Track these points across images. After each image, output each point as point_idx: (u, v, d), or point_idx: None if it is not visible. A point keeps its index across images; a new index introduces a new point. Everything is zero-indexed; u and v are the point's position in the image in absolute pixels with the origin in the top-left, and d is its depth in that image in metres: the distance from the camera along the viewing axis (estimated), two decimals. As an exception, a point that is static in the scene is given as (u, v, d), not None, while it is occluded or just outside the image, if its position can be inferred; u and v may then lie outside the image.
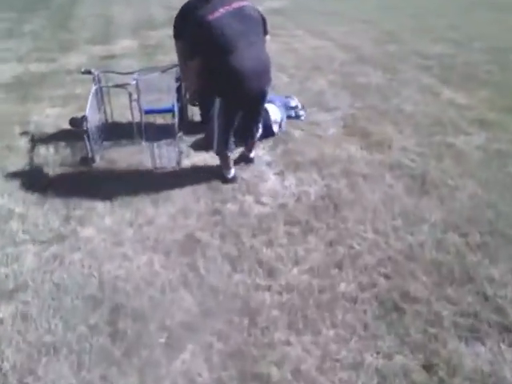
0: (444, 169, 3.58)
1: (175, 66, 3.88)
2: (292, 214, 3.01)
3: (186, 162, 3.75)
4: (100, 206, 3.12)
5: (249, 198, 3.22)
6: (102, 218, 2.98)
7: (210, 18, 2.90)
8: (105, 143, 3.97)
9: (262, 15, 3.16)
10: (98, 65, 6.37)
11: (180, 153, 3.86)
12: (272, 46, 7.49)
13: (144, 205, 3.13)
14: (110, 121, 4.23)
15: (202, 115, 4.14)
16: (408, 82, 5.54)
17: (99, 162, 3.69)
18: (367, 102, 4.96)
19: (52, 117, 4.53)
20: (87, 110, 3.49)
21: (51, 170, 3.61)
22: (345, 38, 7.62)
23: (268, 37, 3.25)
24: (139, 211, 3.06)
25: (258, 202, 3.18)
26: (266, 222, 2.92)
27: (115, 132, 4.09)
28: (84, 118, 3.39)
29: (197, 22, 2.93)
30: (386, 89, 5.38)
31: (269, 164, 3.73)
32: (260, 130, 3.54)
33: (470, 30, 8.22)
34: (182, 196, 3.24)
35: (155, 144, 3.65)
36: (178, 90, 3.93)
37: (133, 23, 9.30)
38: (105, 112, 4.16)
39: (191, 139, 4.07)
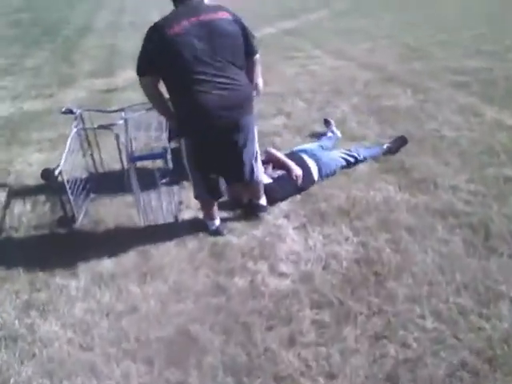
0: (509, 214, 2.80)
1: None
2: (320, 290, 2.27)
3: (186, 216, 3.07)
4: (73, 284, 2.45)
5: (262, 267, 2.50)
6: (71, 305, 2.30)
7: (168, 32, 2.27)
8: (92, 196, 3.34)
9: (244, 30, 2.46)
10: (97, 99, 5.90)
11: (179, 204, 3.20)
12: (286, 69, 7.01)
13: (128, 282, 2.45)
14: (99, 169, 3.60)
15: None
16: (443, 103, 4.80)
17: (82, 222, 3.05)
18: (399, 129, 4.23)
19: (36, 165, 3.93)
20: (62, 161, 2.86)
21: (23, 233, 2.98)
22: (366, 56, 6.95)
23: (257, 56, 2.58)
24: (121, 292, 2.38)
25: (275, 272, 2.46)
26: (286, 305, 2.19)
27: (106, 182, 3.46)
28: (56, 171, 2.76)
29: (153, 34, 2.34)
30: (419, 112, 4.64)
31: (286, 215, 3.02)
32: (258, 169, 2.78)
33: (504, 39, 7.45)
34: (176, 266, 2.54)
35: (147, 195, 3.00)
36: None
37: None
38: (92, 159, 3.54)
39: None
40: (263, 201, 2.97)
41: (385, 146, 3.73)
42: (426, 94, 5.11)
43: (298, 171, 3.25)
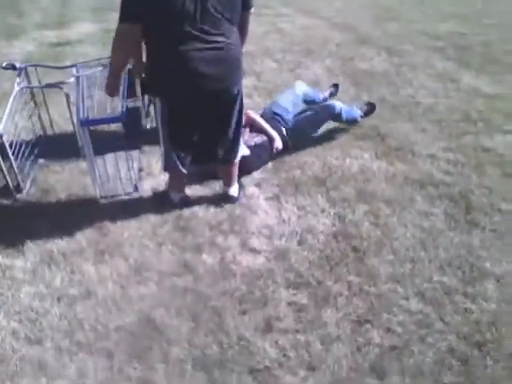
0: (489, 185, 2.69)
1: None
2: (296, 269, 2.09)
3: (147, 185, 2.79)
4: (18, 265, 2.16)
5: (233, 242, 2.28)
6: (16, 289, 2.02)
7: None
8: (40, 162, 2.99)
9: None
10: (47, 54, 5.35)
11: (139, 171, 2.91)
12: (255, 27, 6.61)
13: (83, 261, 2.18)
14: (48, 132, 3.22)
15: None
16: (419, 67, 4.61)
17: (28, 191, 2.71)
18: (375, 94, 4.03)
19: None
20: (2, 122, 2.49)
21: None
22: (339, 16, 6.61)
23: (252, 10, 2.22)
24: (74, 273, 2.11)
25: (247, 248, 2.25)
26: (260, 286, 2.00)
27: (56, 146, 3.10)
28: (-4, 134, 2.39)
29: None
30: (395, 76, 4.44)
31: (258, 184, 2.79)
32: (240, 149, 2.47)
33: (475, 3, 7.29)
34: (137, 242, 2.29)
35: (102, 162, 2.68)
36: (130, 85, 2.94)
37: (94, 2, 8.12)
38: (40, 120, 3.15)
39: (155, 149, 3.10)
40: (234, 190, 2.60)
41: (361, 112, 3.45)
42: (401, 58, 4.90)
43: (279, 143, 3.00)
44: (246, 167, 2.78)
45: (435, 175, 2.81)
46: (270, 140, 2.99)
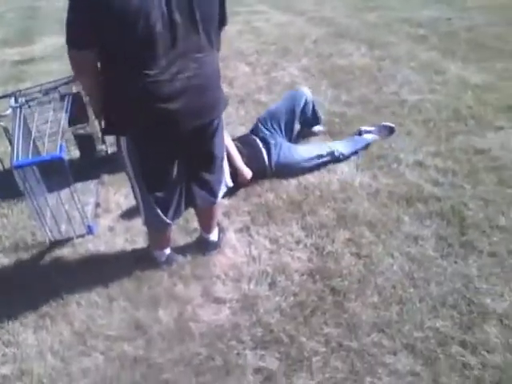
0: (484, 196, 2.40)
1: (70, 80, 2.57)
2: (265, 322, 1.79)
3: (104, 224, 2.49)
4: None
5: (194, 291, 1.98)
6: None
7: None
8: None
9: None
10: (9, 73, 5.04)
11: (95, 207, 2.62)
12: (228, 27, 6.24)
13: (22, 327, 1.89)
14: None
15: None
16: (402, 60, 4.31)
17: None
18: (355, 93, 3.73)
19: None
20: None
21: None
22: (316, 10, 6.29)
23: (226, 27, 1.76)
24: (11, 344, 1.82)
25: (210, 297, 1.95)
26: (221, 349, 1.70)
27: (5, 184, 2.79)
28: None
29: None
30: (376, 71, 4.14)
31: (227, 213, 2.50)
32: (222, 188, 2.04)
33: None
34: (85, 299, 1.99)
35: (55, 198, 2.39)
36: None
37: (64, 13, 7.78)
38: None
39: (115, 178, 2.80)
40: (214, 235, 2.21)
41: (370, 138, 2.98)
42: (382, 50, 4.59)
43: (246, 173, 2.62)
44: None
45: (424, 188, 2.51)
46: (235, 171, 2.55)
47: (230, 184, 2.16)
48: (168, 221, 1.92)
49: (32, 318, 1.93)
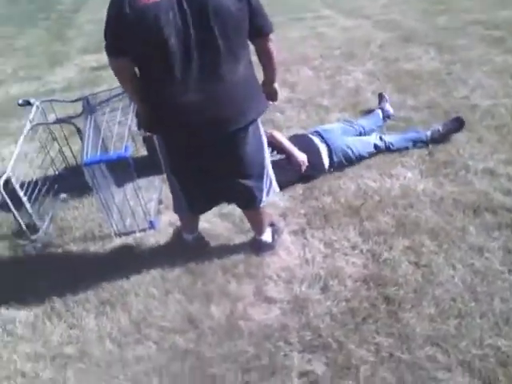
0: None
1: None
2: (314, 326, 1.77)
3: (166, 220, 2.59)
4: (21, 317, 2.05)
5: (246, 290, 2.01)
6: (13, 346, 1.89)
7: (143, 2, 1.56)
8: (62, 197, 2.90)
9: (251, 5, 1.67)
10: (87, 78, 5.41)
11: (158, 204, 2.73)
12: (292, 32, 6.27)
13: (85, 311, 2.02)
14: (71, 165, 3.14)
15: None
16: (474, 64, 4.07)
17: (46, 230, 2.61)
18: (423, 98, 3.58)
19: (8, 159, 3.51)
20: (10, 164, 2.41)
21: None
22: (384, 13, 6.12)
23: (271, 36, 1.79)
24: (74, 327, 1.96)
25: (261, 296, 1.97)
26: (269, 349, 1.70)
27: (78, 180, 3.00)
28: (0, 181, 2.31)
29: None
30: (445, 76, 3.94)
31: (283, 214, 2.50)
32: (263, 195, 2.03)
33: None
34: (143, 290, 2.09)
35: (121, 194, 2.54)
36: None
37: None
38: (62, 155, 3.08)
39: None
40: (267, 235, 2.23)
41: (429, 132, 2.93)
42: (452, 54, 4.37)
43: (300, 157, 2.69)
44: None
45: (493, 197, 2.36)
46: (288, 157, 2.69)
47: (277, 190, 2.19)
48: (193, 214, 2.14)
49: (94, 304, 2.06)
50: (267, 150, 2.04)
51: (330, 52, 4.97)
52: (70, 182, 2.98)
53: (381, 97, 3.45)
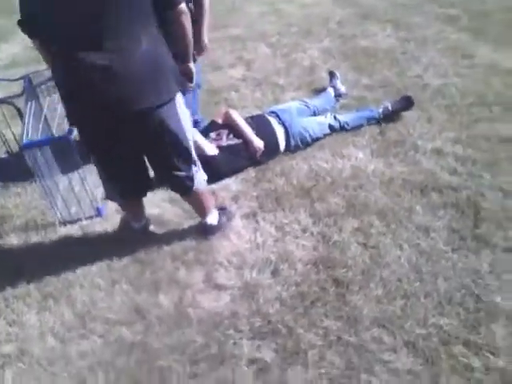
0: (504, 187, 2.27)
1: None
2: (264, 312, 1.76)
3: (113, 207, 2.49)
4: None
5: (196, 277, 1.97)
6: None
7: None
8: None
9: None
10: (33, 56, 5.10)
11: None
12: (251, 8, 6.13)
13: (26, 307, 1.92)
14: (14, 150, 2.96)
15: None
16: (429, 41, 4.10)
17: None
18: (377, 77, 3.58)
19: None
20: None
21: None
22: (342, -11, 6.05)
23: (182, 5, 1.64)
24: (15, 323, 1.86)
25: (211, 283, 1.94)
26: (218, 337, 1.68)
27: (22, 165, 2.84)
28: None
29: None
30: (401, 54, 3.95)
31: (235, 197, 2.46)
32: (196, 177, 1.96)
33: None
34: (88, 281, 2.01)
35: (64, 180, 2.42)
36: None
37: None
38: (2, 139, 2.89)
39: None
40: (212, 218, 2.15)
41: (380, 109, 2.94)
42: (408, 32, 4.38)
43: (257, 143, 2.65)
44: (215, 170, 2.45)
45: (440, 176, 2.40)
46: (246, 142, 2.64)
47: (212, 152, 2.31)
48: (124, 200, 2.10)
49: (36, 299, 1.96)
50: (191, 136, 1.91)
51: (287, 29, 4.88)
52: (11, 166, 2.82)
53: (332, 74, 3.43)
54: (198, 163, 1.99)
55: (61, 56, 1.62)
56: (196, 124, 2.72)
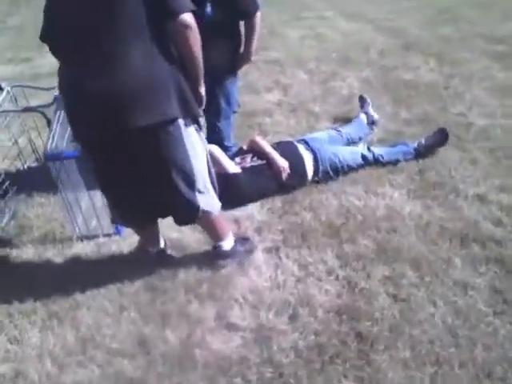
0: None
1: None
2: (276, 362, 1.60)
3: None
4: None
5: (208, 313, 1.83)
6: None
7: None
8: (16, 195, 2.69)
9: None
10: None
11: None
12: (291, 32, 6.08)
13: (30, 325, 1.84)
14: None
15: None
16: (474, 78, 3.91)
17: (5, 228, 2.43)
18: (417, 111, 3.42)
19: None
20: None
21: None
22: (387, 20, 5.94)
23: (185, 16, 1.46)
24: (16, 341, 1.78)
25: (223, 321, 1.79)
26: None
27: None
28: None
29: None
30: (443, 89, 3.79)
31: (258, 229, 2.33)
32: (206, 200, 1.83)
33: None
34: (97, 304, 1.91)
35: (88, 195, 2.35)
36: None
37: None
38: (32, 147, 2.89)
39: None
40: (228, 242, 2.02)
41: (415, 144, 2.79)
42: (453, 66, 4.22)
43: (281, 162, 2.54)
44: (237, 190, 2.36)
45: (483, 226, 2.20)
46: (270, 162, 2.53)
47: (233, 170, 2.27)
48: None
49: (41, 316, 1.87)
50: (203, 162, 1.79)
51: (326, 55, 4.80)
52: (38, 175, 2.79)
53: (363, 100, 3.31)
54: (209, 188, 1.86)
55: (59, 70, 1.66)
56: (226, 150, 2.63)
